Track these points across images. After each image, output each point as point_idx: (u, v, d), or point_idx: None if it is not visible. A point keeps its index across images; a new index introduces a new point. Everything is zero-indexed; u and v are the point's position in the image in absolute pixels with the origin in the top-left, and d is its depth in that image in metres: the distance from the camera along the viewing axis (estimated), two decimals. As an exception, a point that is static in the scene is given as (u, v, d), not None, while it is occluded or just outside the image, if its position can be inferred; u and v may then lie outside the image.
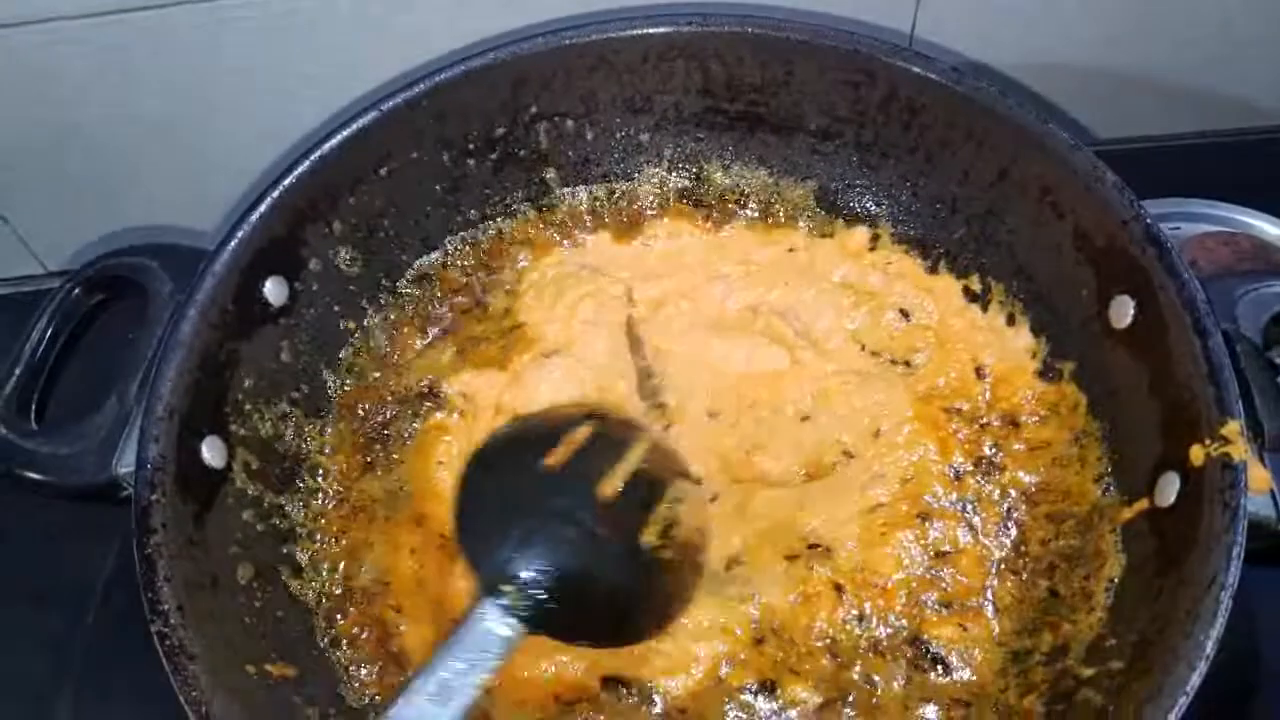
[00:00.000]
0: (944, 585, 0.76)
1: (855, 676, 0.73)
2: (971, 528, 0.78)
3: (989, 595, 0.76)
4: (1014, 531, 0.78)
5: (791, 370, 0.85)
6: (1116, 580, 0.71)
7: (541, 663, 0.74)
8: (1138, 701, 0.61)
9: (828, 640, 0.75)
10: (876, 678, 0.73)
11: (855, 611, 0.75)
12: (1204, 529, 0.63)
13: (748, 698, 0.73)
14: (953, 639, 0.74)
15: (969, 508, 0.79)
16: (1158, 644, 0.63)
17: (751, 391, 0.84)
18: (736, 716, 0.73)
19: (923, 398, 0.83)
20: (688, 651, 0.74)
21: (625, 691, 0.74)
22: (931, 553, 0.77)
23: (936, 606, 0.75)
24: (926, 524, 0.78)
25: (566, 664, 0.74)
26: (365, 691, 0.75)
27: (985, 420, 0.82)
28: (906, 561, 0.76)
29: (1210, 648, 0.59)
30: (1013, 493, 0.79)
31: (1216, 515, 0.63)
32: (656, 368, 0.88)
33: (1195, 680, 0.59)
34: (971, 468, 0.81)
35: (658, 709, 0.73)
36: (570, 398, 0.84)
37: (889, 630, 0.75)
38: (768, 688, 0.73)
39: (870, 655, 0.74)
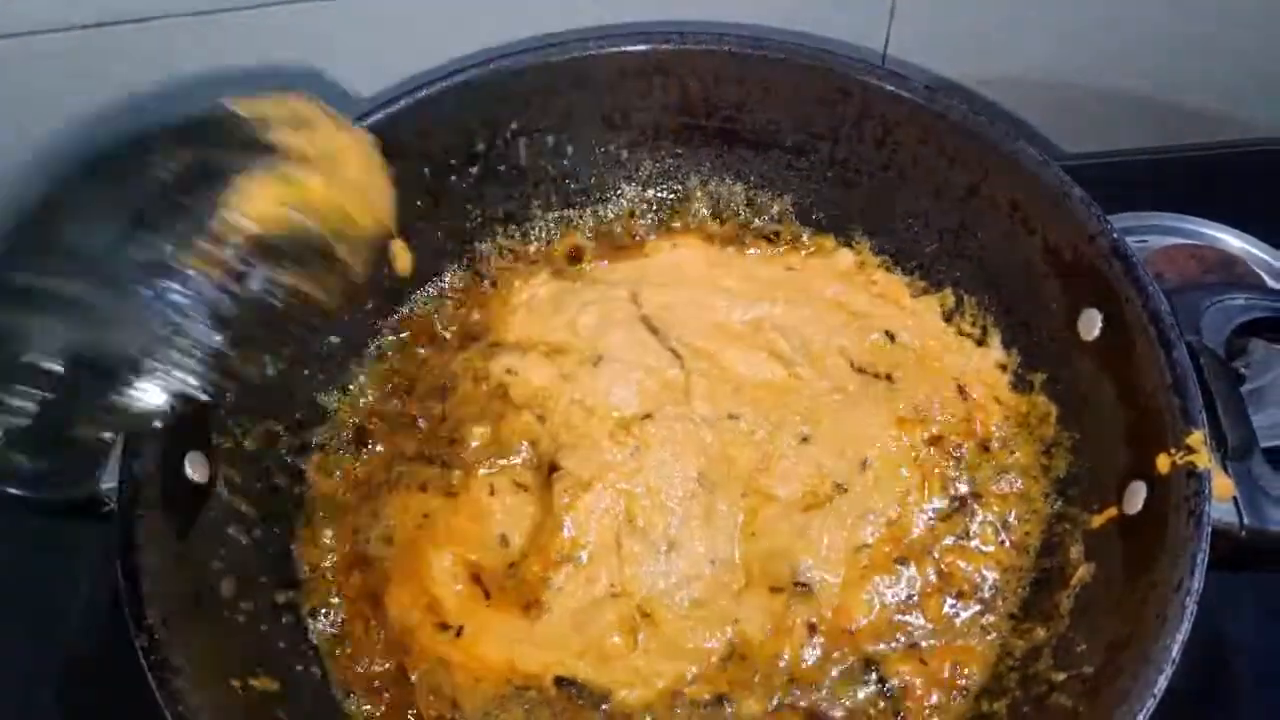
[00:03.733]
0: (910, 628, 0.76)
1: (813, 697, 0.74)
2: (940, 570, 0.78)
3: (954, 632, 0.76)
4: (984, 567, 0.78)
5: (791, 384, 0.85)
6: (1085, 588, 0.72)
7: (506, 646, 0.75)
8: (1107, 705, 0.62)
9: (788, 667, 0.75)
10: (830, 699, 0.74)
11: (821, 648, 0.76)
12: (1170, 536, 0.65)
13: (699, 709, 0.74)
14: (913, 673, 0.75)
15: (941, 549, 0.79)
16: (1127, 648, 0.64)
17: (763, 400, 0.84)
18: None
19: (903, 420, 0.84)
20: (656, 670, 0.75)
21: (575, 693, 0.75)
22: (902, 595, 0.78)
23: (901, 646, 0.76)
24: (903, 568, 0.78)
25: (525, 654, 0.75)
26: (351, 706, 0.75)
27: (960, 445, 0.83)
28: (879, 606, 0.77)
29: (1176, 651, 0.61)
30: (979, 525, 0.80)
31: (1182, 522, 0.64)
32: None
33: (1162, 683, 0.60)
34: (946, 505, 0.81)
35: (604, 709, 0.74)
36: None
37: (849, 663, 0.75)
38: (718, 700, 0.74)
39: (829, 682, 0.75)
